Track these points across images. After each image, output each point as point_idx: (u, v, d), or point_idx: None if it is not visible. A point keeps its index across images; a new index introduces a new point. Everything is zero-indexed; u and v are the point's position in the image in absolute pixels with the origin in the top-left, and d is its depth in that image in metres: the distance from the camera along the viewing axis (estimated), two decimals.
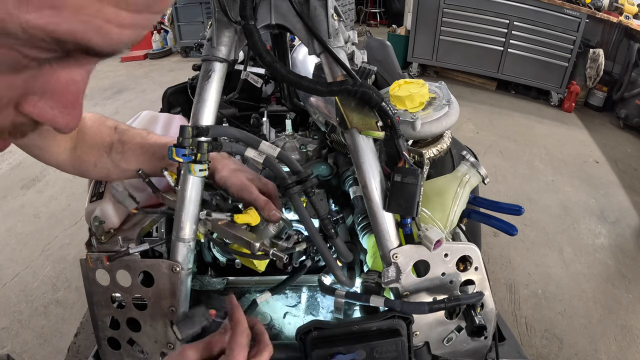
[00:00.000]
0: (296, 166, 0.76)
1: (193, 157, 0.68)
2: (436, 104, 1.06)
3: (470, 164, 0.88)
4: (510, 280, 2.31)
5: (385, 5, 6.99)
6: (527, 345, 1.95)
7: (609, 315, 2.14)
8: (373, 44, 1.79)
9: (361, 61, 0.94)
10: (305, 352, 0.78)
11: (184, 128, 0.67)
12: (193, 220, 0.78)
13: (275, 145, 0.75)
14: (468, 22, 4.50)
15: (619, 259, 2.52)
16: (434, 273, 0.81)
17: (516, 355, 0.95)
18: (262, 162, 0.74)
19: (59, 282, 2.23)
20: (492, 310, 0.87)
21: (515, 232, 0.89)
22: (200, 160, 0.68)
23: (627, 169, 3.50)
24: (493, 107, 4.45)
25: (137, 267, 0.81)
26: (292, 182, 0.75)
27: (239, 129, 0.74)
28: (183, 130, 0.67)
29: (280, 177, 0.76)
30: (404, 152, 0.76)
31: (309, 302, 1.00)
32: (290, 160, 0.76)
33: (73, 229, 2.60)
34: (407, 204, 0.74)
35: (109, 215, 0.90)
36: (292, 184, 0.75)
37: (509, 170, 3.32)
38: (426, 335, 0.84)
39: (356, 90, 0.71)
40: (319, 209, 0.77)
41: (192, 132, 0.67)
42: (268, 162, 0.74)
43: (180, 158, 0.67)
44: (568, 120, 4.33)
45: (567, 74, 4.37)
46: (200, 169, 0.69)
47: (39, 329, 1.97)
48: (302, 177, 0.75)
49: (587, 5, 4.14)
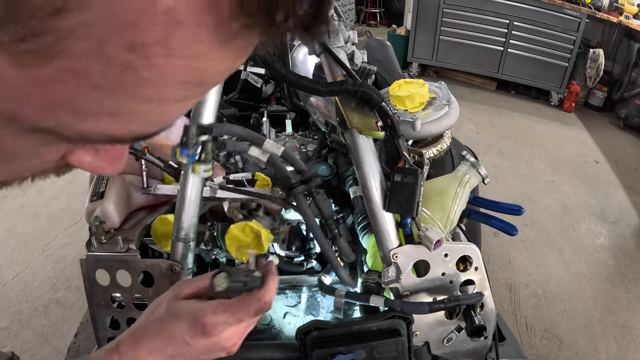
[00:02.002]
0: (300, 165, 0.76)
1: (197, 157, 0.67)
2: (436, 104, 1.06)
3: (470, 164, 0.88)
4: (510, 280, 2.31)
5: (385, 5, 6.99)
6: (527, 345, 1.95)
7: (609, 315, 2.14)
8: (373, 44, 1.79)
9: (361, 61, 0.94)
10: (305, 352, 0.78)
11: (189, 128, 0.67)
12: (193, 220, 0.78)
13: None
14: (468, 22, 4.49)
15: (619, 259, 2.52)
16: (434, 273, 0.81)
17: (516, 355, 0.95)
18: (265, 160, 0.73)
19: (59, 282, 2.23)
20: (492, 310, 0.87)
21: (515, 232, 0.89)
22: (205, 160, 0.68)
23: (627, 169, 3.50)
24: (493, 107, 4.45)
25: (137, 267, 0.81)
26: (296, 181, 0.75)
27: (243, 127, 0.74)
28: (187, 130, 0.67)
29: (284, 176, 0.75)
30: (404, 152, 0.76)
31: (309, 302, 1.00)
32: (295, 159, 0.75)
33: (73, 229, 2.60)
34: (407, 204, 0.74)
35: (109, 215, 0.90)
36: (296, 184, 0.74)
37: (509, 170, 3.32)
38: (426, 335, 0.84)
39: (356, 90, 0.71)
40: (323, 209, 0.77)
41: (196, 132, 0.67)
42: (272, 160, 0.74)
43: (184, 158, 0.66)
44: (568, 120, 4.33)
45: (567, 74, 4.37)
46: (204, 169, 0.68)
47: (39, 329, 1.97)
48: (307, 177, 0.75)
49: (587, 5, 4.14)
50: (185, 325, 0.53)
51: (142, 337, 0.53)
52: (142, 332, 0.54)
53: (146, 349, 0.52)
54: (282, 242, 0.88)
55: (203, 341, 0.53)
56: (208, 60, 0.22)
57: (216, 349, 0.54)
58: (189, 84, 0.23)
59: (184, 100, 0.24)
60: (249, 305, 0.54)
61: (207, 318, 0.52)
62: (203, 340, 0.53)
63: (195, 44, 0.20)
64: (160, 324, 0.54)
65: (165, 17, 0.18)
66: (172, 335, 0.53)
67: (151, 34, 0.19)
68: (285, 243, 0.88)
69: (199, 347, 0.53)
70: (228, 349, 0.56)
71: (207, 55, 0.21)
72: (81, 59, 0.18)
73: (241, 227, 0.84)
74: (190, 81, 0.22)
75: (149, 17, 0.18)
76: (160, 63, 0.20)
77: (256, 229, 0.83)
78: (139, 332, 0.54)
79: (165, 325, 0.54)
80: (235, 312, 0.54)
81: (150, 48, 0.19)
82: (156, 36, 0.19)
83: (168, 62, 0.20)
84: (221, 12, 0.19)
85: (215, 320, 0.53)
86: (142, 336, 0.53)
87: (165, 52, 0.19)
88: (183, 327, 0.53)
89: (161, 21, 0.18)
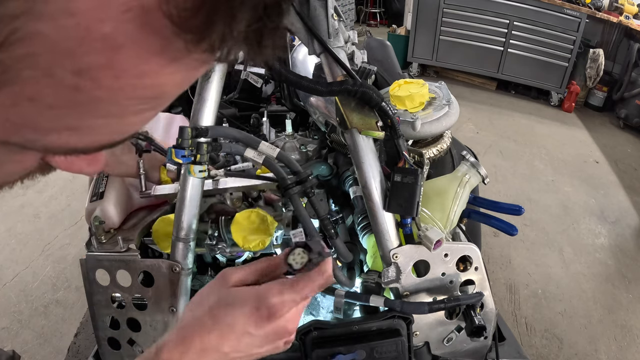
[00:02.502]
0: (296, 166, 0.76)
1: (192, 158, 0.67)
2: (436, 104, 1.06)
3: (470, 164, 0.88)
4: (510, 280, 2.31)
5: (385, 5, 6.98)
6: (527, 345, 1.95)
7: (609, 315, 2.14)
8: (373, 44, 1.79)
9: (361, 61, 0.94)
10: (305, 352, 0.78)
11: (183, 129, 0.67)
12: (193, 220, 0.78)
13: (275, 145, 0.75)
14: (468, 22, 4.49)
15: (619, 259, 2.52)
16: (434, 273, 0.81)
17: (516, 355, 0.95)
18: (261, 162, 0.74)
19: (59, 282, 2.23)
20: (492, 310, 0.87)
21: (515, 232, 0.89)
22: (200, 161, 0.68)
23: (627, 169, 3.50)
24: (493, 107, 4.45)
25: (137, 267, 0.81)
26: (291, 182, 0.75)
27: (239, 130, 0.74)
28: (182, 131, 0.67)
29: (280, 177, 0.76)
30: (404, 152, 0.76)
31: (309, 302, 1.00)
32: (290, 160, 0.76)
33: (73, 229, 2.60)
34: (407, 204, 0.74)
35: (109, 215, 0.90)
36: (291, 185, 0.75)
37: (509, 170, 3.32)
38: (426, 335, 0.84)
39: (356, 90, 0.71)
40: (319, 210, 0.77)
41: (191, 133, 0.67)
42: (267, 162, 0.74)
43: (179, 159, 0.67)
44: (568, 120, 4.33)
45: (567, 74, 4.37)
46: (199, 169, 0.69)
47: (39, 329, 1.97)
48: (302, 178, 0.75)
49: (587, 5, 4.14)
50: (247, 311, 0.47)
51: (193, 335, 0.47)
52: (191, 330, 0.47)
53: (197, 350, 0.46)
54: (287, 226, 0.89)
55: (268, 327, 0.48)
56: (160, 77, 0.22)
57: (279, 335, 0.50)
58: (145, 98, 0.23)
59: (145, 111, 0.24)
60: (315, 280, 0.50)
61: (274, 298, 0.48)
62: (268, 325, 0.48)
63: (141, 64, 0.20)
64: (214, 316, 0.48)
65: (104, 43, 0.18)
66: (232, 327, 0.47)
67: (94, 58, 0.19)
68: (290, 227, 0.89)
69: (261, 336, 0.48)
70: (290, 333, 0.51)
71: (158, 72, 0.21)
72: (31, 85, 0.19)
73: (247, 214, 0.85)
74: (146, 96, 0.23)
75: (88, 44, 0.18)
76: (109, 84, 0.20)
77: (262, 214, 0.84)
78: (187, 331, 0.47)
79: (222, 317, 0.47)
80: (302, 288, 0.50)
81: (96, 71, 0.19)
82: (99, 61, 0.19)
83: (117, 83, 0.20)
84: (160, 34, 0.19)
85: (281, 300, 0.48)
86: (191, 335, 0.47)
87: (112, 74, 0.20)
88: (245, 313, 0.47)
89: (101, 47, 0.19)
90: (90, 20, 0.18)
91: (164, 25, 0.19)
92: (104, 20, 0.18)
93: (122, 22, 0.18)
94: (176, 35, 0.19)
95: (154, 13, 0.18)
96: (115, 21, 0.18)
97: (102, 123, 0.23)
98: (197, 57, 0.21)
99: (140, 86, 0.21)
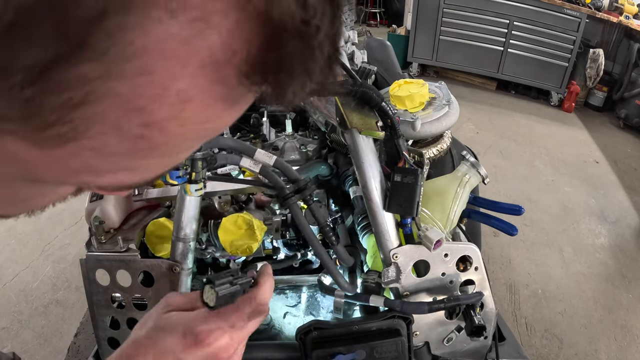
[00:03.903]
0: (293, 174, 0.75)
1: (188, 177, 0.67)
2: (436, 104, 1.06)
3: (470, 164, 0.88)
4: (510, 280, 2.31)
5: (385, 5, 6.98)
6: (527, 345, 1.95)
7: (609, 315, 2.14)
8: (373, 44, 1.79)
9: (361, 61, 0.94)
10: (305, 352, 0.78)
11: None
12: (193, 221, 0.78)
13: (276, 145, 0.75)
14: (468, 22, 4.49)
15: (619, 259, 2.52)
16: (434, 273, 0.81)
17: (516, 355, 0.95)
18: (258, 171, 0.73)
19: (59, 282, 2.23)
20: (492, 310, 0.87)
21: (515, 232, 0.89)
22: (196, 179, 0.67)
23: (627, 169, 3.50)
24: (493, 107, 4.45)
25: (137, 267, 0.81)
26: (290, 192, 0.74)
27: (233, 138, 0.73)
28: None
29: (278, 186, 0.75)
30: (404, 152, 0.76)
31: (309, 302, 1.00)
32: (287, 168, 0.75)
33: (73, 229, 2.60)
34: (407, 204, 0.74)
35: (109, 215, 0.90)
36: (290, 194, 0.74)
37: (509, 170, 3.32)
38: (426, 335, 0.84)
39: (356, 90, 0.71)
40: (319, 217, 0.76)
41: None
42: (264, 171, 0.73)
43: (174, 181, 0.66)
44: (568, 120, 4.33)
45: (567, 74, 4.37)
46: (196, 188, 0.67)
47: (39, 329, 1.97)
48: (301, 186, 0.75)
49: (587, 5, 4.14)
50: (176, 337, 0.48)
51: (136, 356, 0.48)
52: (134, 350, 0.49)
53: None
54: (276, 231, 0.88)
55: (196, 353, 0.48)
56: (222, 119, 0.23)
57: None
58: (203, 138, 0.24)
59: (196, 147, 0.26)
60: (241, 308, 0.50)
61: (199, 326, 0.49)
62: (196, 351, 0.48)
63: (206, 111, 0.21)
64: (150, 339, 0.49)
65: (177, 97, 0.19)
66: (164, 351, 0.48)
67: (164, 112, 0.20)
68: (279, 232, 0.88)
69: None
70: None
71: (221, 116, 0.23)
72: (97, 138, 0.20)
73: (233, 219, 0.83)
74: (205, 137, 0.24)
75: (162, 100, 0.19)
76: (174, 132, 0.21)
77: (248, 219, 0.83)
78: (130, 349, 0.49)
79: (156, 340, 0.49)
80: (228, 317, 0.50)
81: (164, 123, 0.20)
82: (169, 114, 0.20)
83: (182, 129, 0.21)
84: (227, 83, 0.20)
85: (207, 328, 0.49)
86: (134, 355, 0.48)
87: (178, 124, 0.21)
88: (174, 339, 0.48)
89: (173, 102, 0.19)
90: (166, 78, 0.18)
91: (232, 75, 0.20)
92: (181, 78, 0.19)
93: (196, 78, 0.19)
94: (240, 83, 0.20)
95: (225, 66, 0.19)
96: (191, 77, 0.19)
97: (157, 162, 0.24)
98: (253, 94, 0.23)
99: (202, 129, 0.23)
